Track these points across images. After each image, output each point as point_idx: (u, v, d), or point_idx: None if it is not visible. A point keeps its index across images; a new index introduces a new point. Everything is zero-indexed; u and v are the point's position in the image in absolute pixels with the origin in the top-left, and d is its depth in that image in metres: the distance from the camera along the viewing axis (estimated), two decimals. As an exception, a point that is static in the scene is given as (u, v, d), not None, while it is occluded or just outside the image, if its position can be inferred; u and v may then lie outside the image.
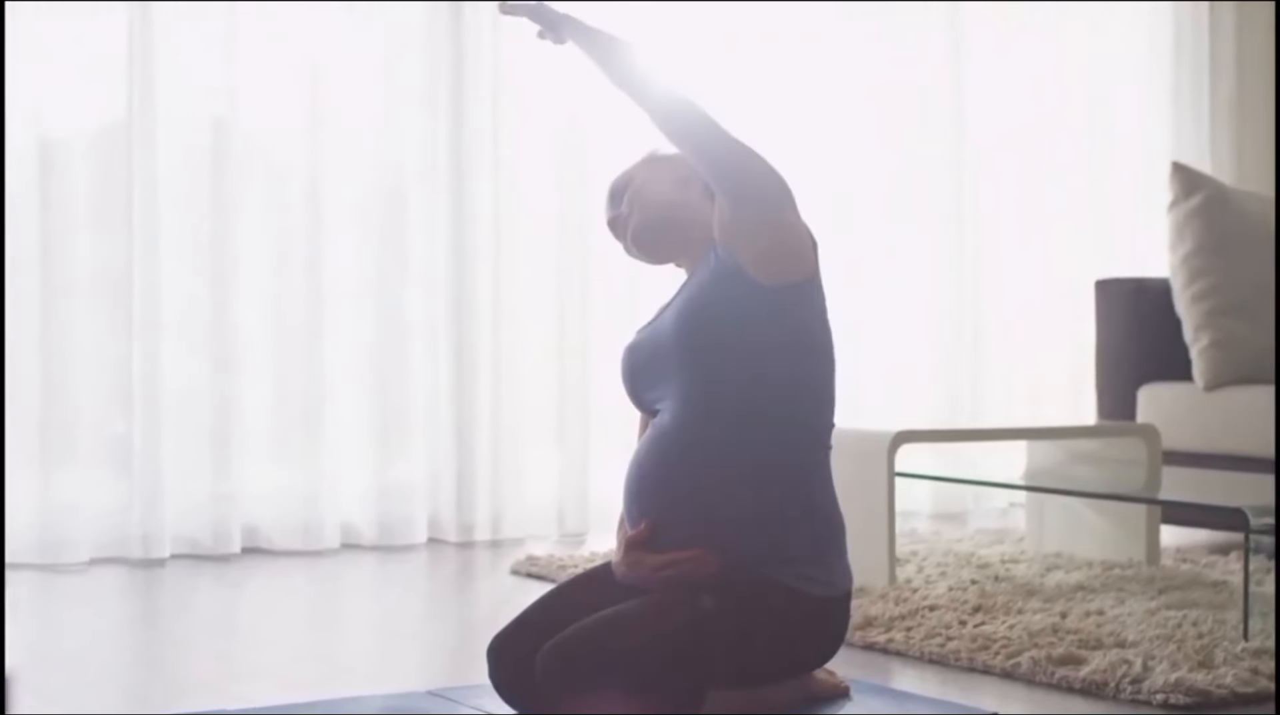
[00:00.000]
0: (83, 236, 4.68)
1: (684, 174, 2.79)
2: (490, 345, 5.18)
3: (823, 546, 2.64)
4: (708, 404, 2.63)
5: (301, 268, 4.98)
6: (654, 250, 2.80)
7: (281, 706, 2.76)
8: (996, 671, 3.09)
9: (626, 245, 2.81)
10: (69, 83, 4.67)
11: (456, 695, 2.82)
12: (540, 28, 2.73)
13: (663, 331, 2.71)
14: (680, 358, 2.65)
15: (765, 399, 2.62)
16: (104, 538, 4.66)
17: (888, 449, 3.93)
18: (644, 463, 2.68)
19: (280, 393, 4.98)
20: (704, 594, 2.56)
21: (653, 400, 2.73)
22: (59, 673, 3.13)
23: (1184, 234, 5.00)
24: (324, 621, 3.84)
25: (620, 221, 2.81)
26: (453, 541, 5.11)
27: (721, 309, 2.63)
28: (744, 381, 2.62)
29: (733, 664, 2.57)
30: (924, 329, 5.89)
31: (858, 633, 3.39)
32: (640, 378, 2.75)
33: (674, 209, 2.77)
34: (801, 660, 2.66)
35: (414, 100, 5.16)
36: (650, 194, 2.78)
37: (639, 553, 2.63)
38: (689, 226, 2.76)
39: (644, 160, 2.86)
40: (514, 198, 5.24)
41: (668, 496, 2.63)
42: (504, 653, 2.67)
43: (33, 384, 4.60)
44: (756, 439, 2.61)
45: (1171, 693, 2.82)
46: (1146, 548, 4.28)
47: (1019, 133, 6.09)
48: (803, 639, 2.62)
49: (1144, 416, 4.97)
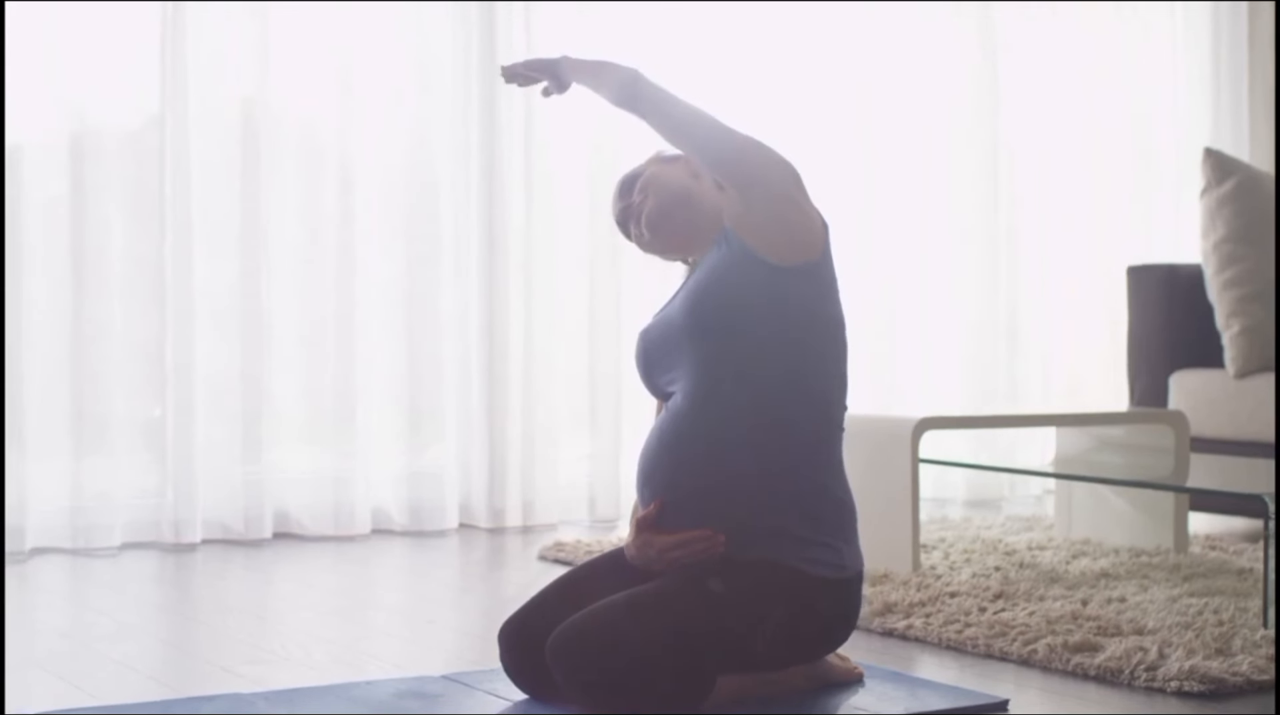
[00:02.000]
0: (116, 223, 4.72)
1: (694, 168, 2.83)
2: (522, 330, 5.19)
3: (831, 529, 2.66)
4: (717, 385, 2.65)
5: (334, 254, 5.01)
6: (667, 236, 2.81)
7: (297, 689, 2.78)
8: (1013, 658, 3.09)
9: (639, 232, 2.82)
10: (104, 73, 4.71)
11: (471, 679, 2.83)
12: (544, 82, 2.80)
13: (674, 315, 2.73)
14: (691, 339, 2.67)
15: (774, 379, 2.63)
16: (136, 523, 4.70)
17: (912, 435, 3.93)
18: (655, 445, 2.70)
19: (312, 378, 5.01)
20: (712, 577, 2.57)
21: (665, 383, 2.75)
22: (86, 657, 3.16)
23: (1216, 220, 4.97)
24: (352, 606, 3.85)
25: (631, 210, 2.84)
26: (484, 527, 5.13)
27: (731, 290, 2.65)
28: (753, 362, 2.63)
29: (742, 647, 2.58)
30: (959, 315, 5.89)
31: (877, 619, 3.39)
32: (653, 362, 2.77)
33: (687, 195, 2.79)
34: (812, 642, 2.67)
35: (446, 88, 5.17)
36: (663, 182, 2.82)
37: (648, 535, 2.65)
38: (701, 214, 2.78)
39: (651, 159, 2.89)
40: (546, 184, 5.25)
41: (676, 478, 2.65)
42: (515, 637, 2.69)
43: (66, 370, 4.63)
44: (765, 421, 2.63)
45: (1186, 680, 2.82)
46: (1174, 535, 4.26)
47: (1055, 120, 6.06)
48: (812, 621, 2.63)
49: (1175, 403, 4.94)
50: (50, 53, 4.60)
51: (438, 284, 5.15)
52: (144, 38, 4.76)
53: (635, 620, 2.51)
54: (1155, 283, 5.11)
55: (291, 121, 4.97)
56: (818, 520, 2.64)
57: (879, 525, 3.99)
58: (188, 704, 2.67)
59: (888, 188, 5.80)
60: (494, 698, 2.71)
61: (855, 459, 4.05)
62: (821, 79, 5.67)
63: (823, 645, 2.69)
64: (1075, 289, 6.07)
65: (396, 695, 2.73)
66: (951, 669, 3.05)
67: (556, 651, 2.52)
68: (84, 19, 4.65)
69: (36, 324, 4.58)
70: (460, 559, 4.59)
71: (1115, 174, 6.15)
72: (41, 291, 4.60)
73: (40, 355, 4.58)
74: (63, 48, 4.62)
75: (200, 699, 2.71)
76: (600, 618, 2.52)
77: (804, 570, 2.60)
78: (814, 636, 2.66)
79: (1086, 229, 6.10)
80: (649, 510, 2.66)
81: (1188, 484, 4.04)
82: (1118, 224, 6.12)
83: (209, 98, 4.82)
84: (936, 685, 2.85)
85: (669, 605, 2.54)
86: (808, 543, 2.62)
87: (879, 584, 3.72)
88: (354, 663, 3.10)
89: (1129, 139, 6.18)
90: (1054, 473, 4.27)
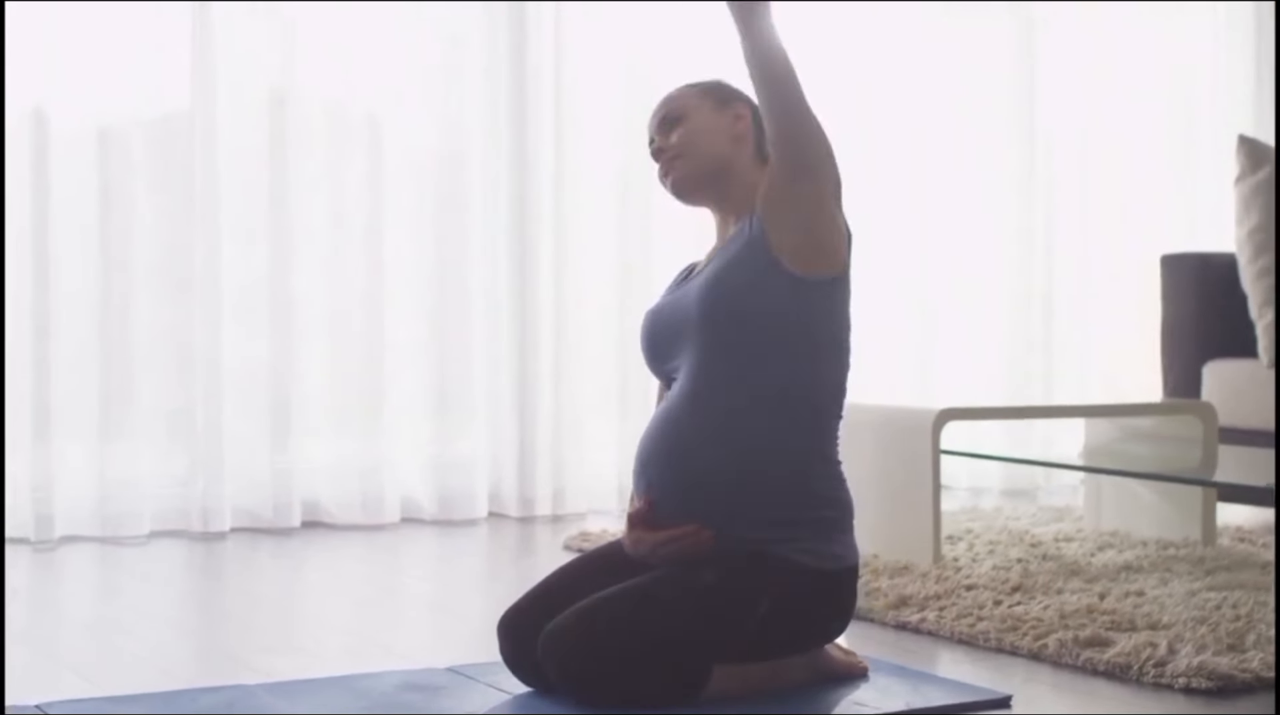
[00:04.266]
0: (145, 212, 4.74)
1: (740, 131, 2.76)
2: (552, 318, 5.19)
3: (823, 523, 2.65)
4: (719, 380, 2.64)
5: (361, 241, 5.01)
6: (691, 198, 2.79)
7: (301, 680, 2.79)
8: (1024, 653, 3.06)
9: (664, 183, 2.79)
10: (133, 62, 4.73)
11: (475, 672, 2.83)
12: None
13: (686, 301, 2.71)
14: (700, 331, 2.66)
15: (774, 383, 2.63)
16: (165, 511, 4.72)
17: (932, 426, 3.91)
18: (652, 436, 2.70)
19: (341, 366, 5.02)
20: (704, 569, 2.57)
21: (670, 369, 2.75)
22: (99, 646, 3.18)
23: (1250, 208, 4.92)
24: (375, 596, 3.85)
25: (664, 155, 2.77)
26: (514, 516, 5.13)
27: (748, 292, 2.63)
28: (755, 365, 2.63)
29: (734, 639, 2.58)
30: (995, 303, 5.85)
31: (890, 612, 3.37)
32: (659, 344, 2.77)
33: (722, 167, 2.74)
34: (805, 634, 2.67)
35: (475, 75, 5.16)
36: (702, 145, 2.75)
37: (640, 531, 2.65)
38: (732, 185, 2.75)
39: (705, 90, 2.80)
40: (576, 169, 5.24)
41: (669, 471, 2.65)
42: (514, 629, 2.69)
43: (94, 358, 4.66)
44: (762, 418, 2.63)
45: (1194, 677, 2.79)
46: (1202, 527, 4.22)
47: (1093, 107, 6.01)
48: (804, 612, 2.63)
49: (1208, 393, 4.90)
50: (80, 43, 4.62)
51: (466, 272, 5.15)
52: (173, 28, 4.78)
53: (625, 615, 2.51)
54: (1188, 271, 5.06)
55: (319, 109, 4.97)
56: (808, 514, 2.64)
57: (901, 516, 3.98)
58: (190, 696, 2.68)
59: (924, 176, 5.76)
60: (495, 691, 2.71)
61: (877, 450, 4.06)
62: (857, 68, 5.64)
63: (816, 637, 2.69)
64: (1113, 277, 6.02)
65: (398, 687, 2.74)
66: (963, 664, 3.03)
67: (548, 648, 2.53)
68: (113, 9, 4.67)
69: (66, 313, 4.60)
70: (489, 548, 4.60)
71: (1154, 162, 6.09)
72: (71, 281, 4.62)
73: (69, 344, 4.61)
74: (92, 38, 4.64)
75: (203, 690, 2.72)
76: (590, 613, 2.52)
77: (795, 560, 2.60)
78: (806, 628, 2.66)
79: (1124, 217, 6.04)
80: (640, 507, 2.66)
81: (1215, 476, 4.00)
82: (1156, 212, 6.07)
83: (238, 87, 4.83)
84: (940, 680, 2.83)
85: (659, 598, 2.54)
86: (800, 535, 2.62)
87: (897, 576, 3.70)
88: (365, 654, 3.11)
89: (1168, 127, 6.11)
90: (1071, 465, 4.25)
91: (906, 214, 5.74)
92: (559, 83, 5.18)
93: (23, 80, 4.56)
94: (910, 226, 5.74)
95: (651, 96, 5.31)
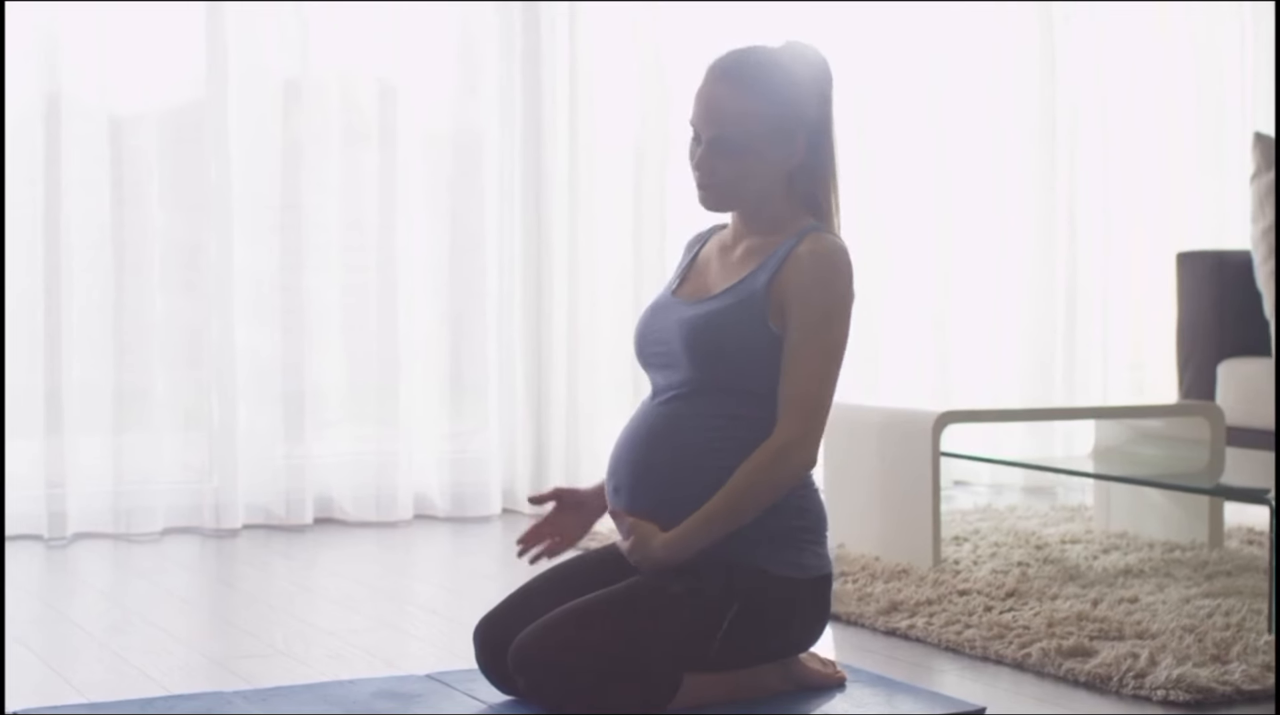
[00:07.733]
0: (158, 205, 4.76)
1: (791, 168, 2.72)
2: (566, 315, 5.18)
3: (794, 532, 2.66)
4: (695, 400, 2.69)
5: (375, 235, 5.03)
6: (715, 209, 2.78)
7: (277, 688, 2.81)
8: (1008, 661, 3.05)
9: (697, 188, 2.75)
10: (146, 54, 4.74)
11: (453, 679, 2.84)
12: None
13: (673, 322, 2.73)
14: (682, 356, 2.70)
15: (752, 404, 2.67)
16: (178, 507, 4.75)
17: (932, 429, 3.89)
18: (626, 441, 2.75)
19: (354, 362, 5.04)
20: (673, 579, 2.58)
21: (654, 366, 2.77)
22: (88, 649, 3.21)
23: (1264, 206, 4.87)
24: (378, 597, 3.85)
25: (707, 179, 2.72)
26: (527, 513, 5.14)
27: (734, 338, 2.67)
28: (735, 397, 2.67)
29: (703, 649, 2.59)
30: (1017, 301, 5.82)
31: (881, 617, 3.37)
32: (648, 345, 2.81)
33: (760, 199, 2.73)
34: (776, 644, 2.67)
35: (490, 67, 5.16)
36: (751, 187, 2.72)
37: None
38: (764, 207, 2.74)
39: (768, 115, 2.68)
40: (590, 164, 5.23)
41: (640, 477, 2.69)
42: (489, 637, 2.70)
43: (107, 354, 4.69)
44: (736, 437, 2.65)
45: (1172, 689, 2.77)
46: (1209, 530, 4.19)
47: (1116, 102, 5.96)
48: (774, 621, 2.64)
49: (1223, 392, 4.86)
50: (93, 34, 4.64)
51: (480, 269, 5.15)
52: (187, 18, 4.80)
53: (594, 625, 2.52)
54: (1204, 269, 5.02)
55: (333, 100, 4.98)
56: (781, 523, 2.65)
57: (902, 519, 3.97)
58: (166, 703, 2.70)
59: (945, 174, 5.73)
60: (471, 699, 2.72)
61: (879, 452, 4.06)
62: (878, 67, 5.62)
63: (787, 646, 2.69)
64: (1135, 275, 5.98)
65: (374, 695, 2.75)
66: (948, 673, 3.02)
67: (518, 661, 2.54)
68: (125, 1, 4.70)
69: (78, 307, 4.63)
70: (501, 546, 4.59)
71: (1178, 159, 6.03)
72: (83, 274, 4.64)
73: (82, 339, 4.64)
74: (105, 29, 4.67)
75: (180, 698, 2.74)
76: (558, 625, 2.53)
77: (766, 570, 2.62)
78: (777, 637, 2.66)
79: (1147, 215, 5.99)
80: (623, 536, 2.69)
81: (1221, 479, 3.98)
82: (1179, 210, 6.01)
83: (250, 80, 4.84)
84: (915, 690, 2.82)
85: (628, 608, 2.55)
86: (770, 544, 2.64)
87: (894, 580, 3.70)
88: (350, 659, 3.12)
89: (1194, 124, 6.05)
90: (1068, 469, 4.23)
91: (927, 212, 5.71)
92: (573, 76, 5.17)
93: (36, 71, 4.60)
94: (930, 225, 5.71)
95: (667, 77, 5.34)
